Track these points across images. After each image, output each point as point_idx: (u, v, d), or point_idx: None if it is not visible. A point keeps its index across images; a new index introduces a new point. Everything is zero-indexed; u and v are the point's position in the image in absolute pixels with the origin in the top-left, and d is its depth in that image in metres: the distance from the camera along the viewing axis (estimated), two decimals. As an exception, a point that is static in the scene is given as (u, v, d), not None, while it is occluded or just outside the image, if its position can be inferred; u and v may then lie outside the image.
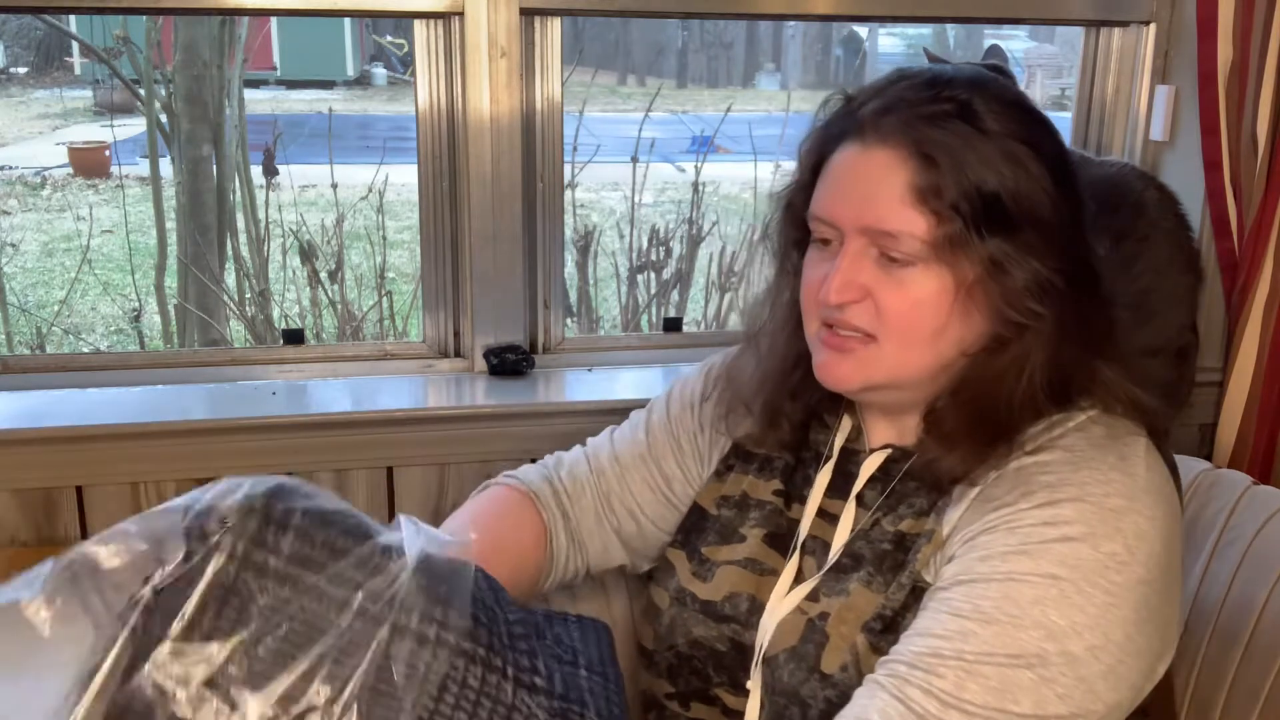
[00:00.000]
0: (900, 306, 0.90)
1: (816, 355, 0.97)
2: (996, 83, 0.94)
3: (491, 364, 1.60)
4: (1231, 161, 1.59)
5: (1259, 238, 1.57)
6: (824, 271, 0.94)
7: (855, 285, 0.91)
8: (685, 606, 1.04)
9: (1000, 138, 0.89)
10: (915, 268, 0.90)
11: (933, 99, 0.90)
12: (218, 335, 3.22)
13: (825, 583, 0.97)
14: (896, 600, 0.93)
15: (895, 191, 0.89)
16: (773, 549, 1.04)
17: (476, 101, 1.53)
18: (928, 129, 0.88)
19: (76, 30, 4.38)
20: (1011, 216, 0.88)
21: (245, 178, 3.28)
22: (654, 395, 1.61)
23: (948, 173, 0.87)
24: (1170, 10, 1.70)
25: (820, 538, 1.01)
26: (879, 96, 0.92)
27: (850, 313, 0.92)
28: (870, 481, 1.01)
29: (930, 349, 0.92)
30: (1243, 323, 1.61)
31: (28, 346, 3.67)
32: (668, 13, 1.67)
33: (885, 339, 0.92)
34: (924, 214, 0.88)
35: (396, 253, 4.70)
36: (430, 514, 1.55)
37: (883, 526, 0.98)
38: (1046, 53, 9.25)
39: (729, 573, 1.04)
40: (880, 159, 0.90)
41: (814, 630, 0.95)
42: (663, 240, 3.05)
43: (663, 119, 7.07)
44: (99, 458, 1.44)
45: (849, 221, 0.91)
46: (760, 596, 1.01)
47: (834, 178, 0.94)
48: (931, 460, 0.95)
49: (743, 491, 1.09)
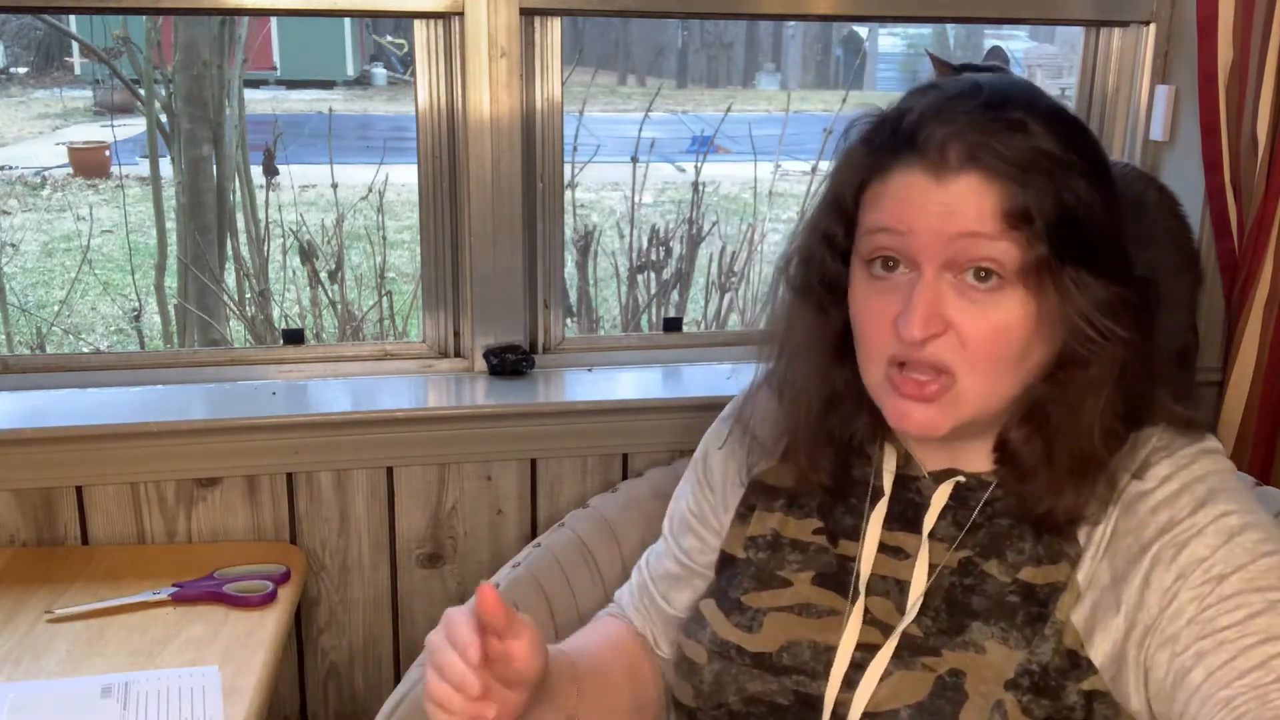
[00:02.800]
0: (985, 335, 0.86)
1: (891, 402, 0.90)
2: (1039, 92, 0.92)
3: (491, 364, 1.61)
4: (1231, 162, 1.59)
5: (1259, 238, 1.57)
6: (890, 304, 0.87)
7: (939, 317, 0.86)
8: (732, 660, 0.97)
9: (1068, 155, 0.86)
10: (1000, 293, 0.85)
11: (997, 119, 0.86)
12: (218, 335, 3.22)
13: (937, 635, 0.91)
14: (1043, 656, 0.88)
15: (986, 217, 0.84)
16: (826, 589, 0.97)
17: (476, 101, 1.53)
18: (1006, 151, 0.84)
19: (76, 30, 4.38)
20: (1086, 237, 0.86)
21: (245, 178, 3.28)
22: (653, 395, 1.62)
23: (1035, 195, 0.84)
24: (1170, 10, 1.70)
25: (890, 576, 0.95)
26: (936, 118, 0.87)
27: (931, 347, 0.86)
28: (941, 512, 0.96)
29: (1014, 376, 0.88)
30: (1243, 323, 1.61)
31: (28, 346, 3.67)
32: (668, 13, 1.66)
33: (967, 372, 0.87)
34: (1015, 239, 0.84)
35: (396, 253, 4.70)
36: (430, 514, 1.55)
37: (992, 575, 0.92)
38: (1046, 53, 9.25)
39: (780, 620, 0.97)
40: (963, 185, 0.85)
41: (946, 688, 0.89)
42: (663, 240, 3.05)
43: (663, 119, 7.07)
44: (99, 458, 1.44)
45: (930, 250, 0.85)
46: (823, 640, 0.95)
47: (903, 202, 0.87)
48: (1022, 494, 0.92)
49: (773, 530, 1.02)
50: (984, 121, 0.86)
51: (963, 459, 0.96)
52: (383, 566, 1.56)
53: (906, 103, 0.91)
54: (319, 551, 1.53)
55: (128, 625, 1.28)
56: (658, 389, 1.63)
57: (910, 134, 0.87)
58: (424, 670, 0.87)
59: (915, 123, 0.87)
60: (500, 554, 1.55)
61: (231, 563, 1.40)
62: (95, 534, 1.47)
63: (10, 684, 1.16)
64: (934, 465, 0.98)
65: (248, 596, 1.33)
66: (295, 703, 1.59)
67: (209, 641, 1.25)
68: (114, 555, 1.44)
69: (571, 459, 1.57)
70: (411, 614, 1.58)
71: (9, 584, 1.36)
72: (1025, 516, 0.92)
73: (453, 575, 1.58)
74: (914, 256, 0.87)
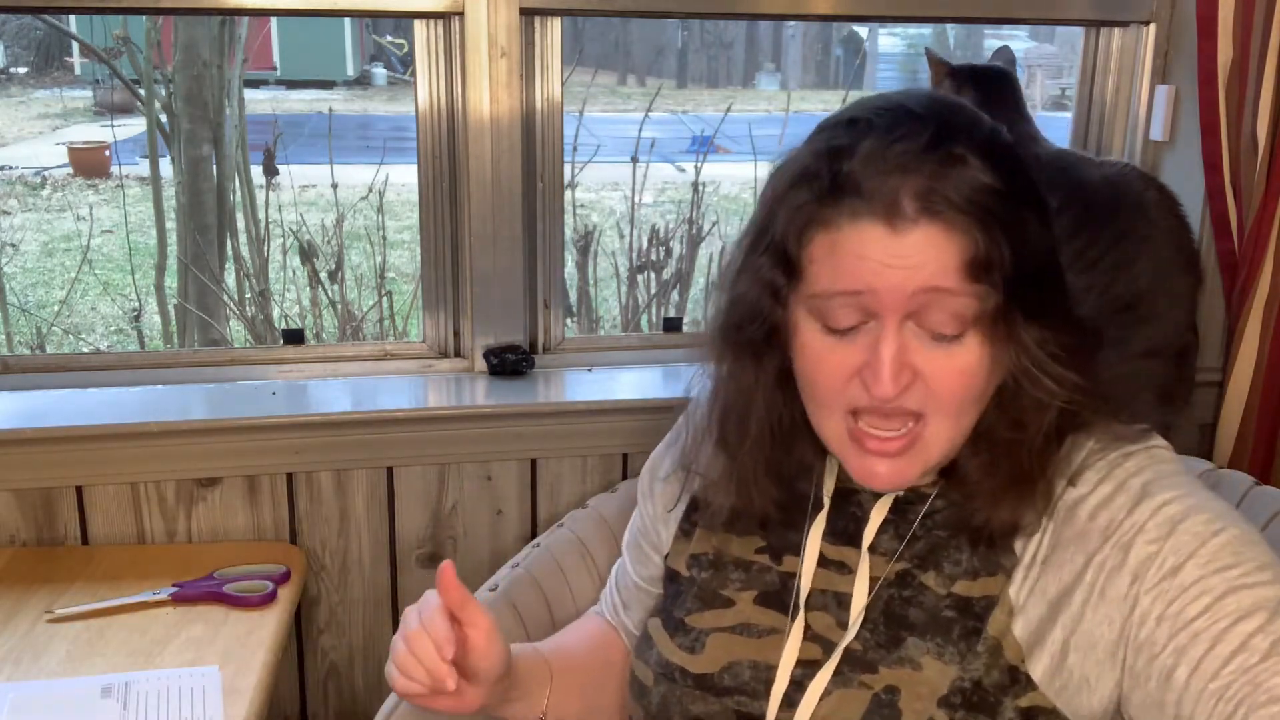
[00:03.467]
0: (953, 381, 0.84)
1: (855, 461, 0.88)
2: (977, 120, 0.87)
3: (491, 364, 1.61)
4: (1231, 162, 1.58)
5: (1259, 238, 1.57)
6: (849, 357, 0.85)
7: (907, 368, 0.83)
8: (676, 683, 0.97)
9: (1013, 190, 0.83)
10: (963, 339, 0.83)
11: (943, 160, 0.81)
12: (218, 335, 3.22)
13: (875, 649, 0.91)
14: (975, 671, 0.87)
15: (949, 271, 0.81)
16: (768, 608, 0.97)
17: (476, 101, 1.53)
18: (956, 196, 0.80)
19: (76, 30, 4.38)
20: (1038, 281, 0.85)
21: (245, 178, 3.28)
22: (653, 395, 1.62)
23: (994, 244, 0.81)
24: (1170, 10, 1.70)
25: (830, 590, 0.95)
26: (881, 162, 0.81)
27: (901, 399, 0.84)
28: (882, 525, 0.95)
29: (976, 411, 0.88)
30: (1243, 323, 1.61)
31: (28, 346, 3.68)
32: (668, 13, 1.66)
33: (935, 415, 0.85)
34: (973, 291, 0.81)
35: (396, 253, 4.70)
36: (430, 514, 1.55)
37: (929, 587, 0.91)
38: (1046, 53, 9.26)
39: (721, 641, 0.96)
40: (920, 236, 0.80)
41: (881, 705, 0.88)
42: (663, 240, 3.05)
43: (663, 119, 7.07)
44: (99, 458, 1.44)
45: (893, 306, 0.82)
46: (763, 659, 0.94)
47: (860, 260, 0.82)
48: (964, 508, 0.91)
49: (716, 549, 1.01)
50: (931, 164, 0.81)
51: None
52: (383, 566, 1.56)
53: (839, 139, 0.84)
54: (319, 551, 1.53)
55: (128, 625, 1.28)
56: (658, 389, 1.63)
57: (856, 182, 0.81)
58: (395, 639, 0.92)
59: (860, 171, 0.81)
60: (500, 554, 1.55)
61: (231, 563, 1.40)
62: (95, 534, 1.47)
63: (10, 684, 1.16)
64: None
65: (248, 596, 1.33)
66: (295, 703, 1.59)
67: (209, 641, 1.25)
68: (114, 555, 1.44)
69: (571, 459, 1.57)
70: (411, 614, 1.59)
71: (9, 584, 1.36)
72: (963, 528, 0.91)
73: (453, 575, 1.58)
74: (875, 311, 0.83)
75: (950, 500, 0.93)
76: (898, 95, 0.88)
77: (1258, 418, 1.62)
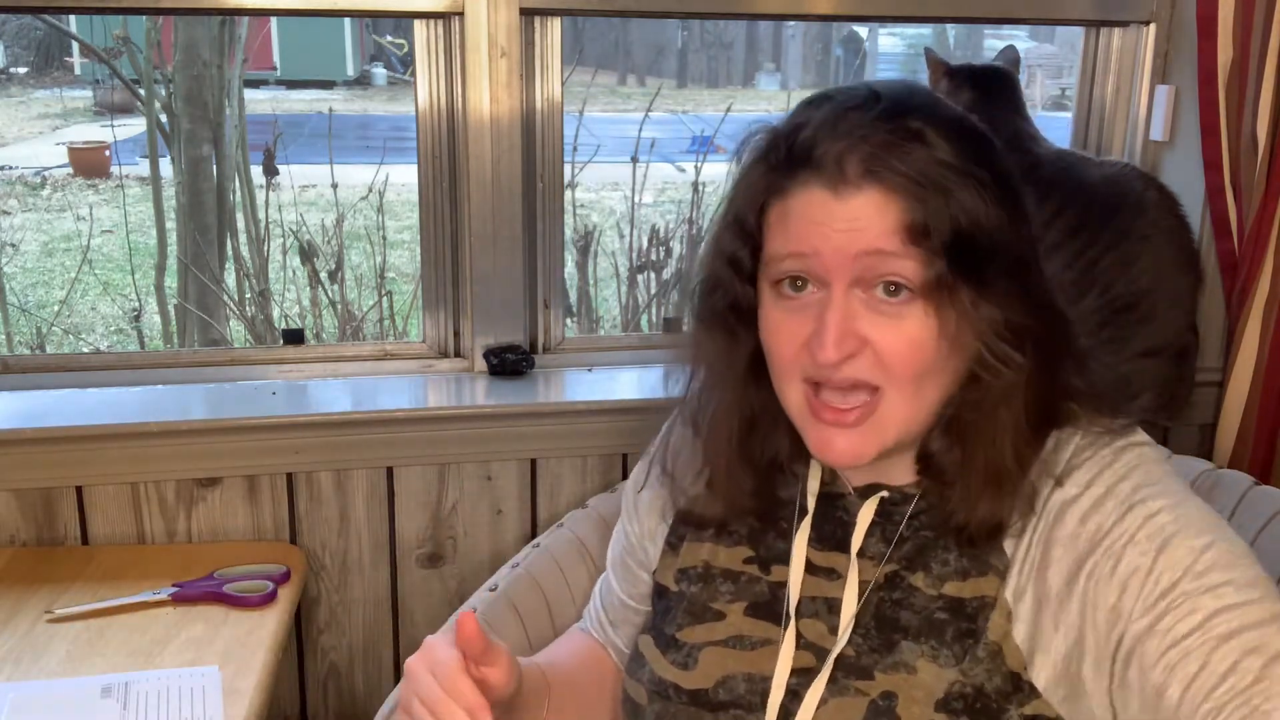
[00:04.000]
0: (902, 349, 0.84)
1: (813, 432, 0.88)
2: (939, 102, 0.89)
3: (491, 364, 1.60)
4: (1231, 162, 1.58)
5: (1259, 238, 1.57)
6: (801, 325, 0.86)
7: (853, 335, 0.84)
8: (670, 700, 0.96)
9: (967, 167, 0.84)
10: (911, 305, 0.84)
11: (895, 130, 0.83)
12: (218, 335, 3.22)
13: (869, 654, 0.90)
14: (977, 676, 0.86)
15: (889, 233, 0.82)
16: (759, 619, 0.96)
17: (476, 101, 1.53)
18: (905, 165, 0.82)
19: (76, 30, 4.38)
20: (983, 255, 0.84)
21: (245, 178, 3.28)
22: (653, 395, 1.61)
23: (935, 211, 0.82)
24: (1170, 10, 1.70)
25: (820, 597, 0.94)
26: (832, 132, 0.84)
27: (849, 367, 0.84)
28: (869, 529, 0.94)
29: (934, 390, 0.87)
30: (1243, 323, 1.61)
31: (28, 346, 3.68)
32: (668, 13, 1.66)
33: (890, 387, 0.85)
34: (914, 254, 0.82)
35: (396, 253, 4.70)
36: (430, 514, 1.55)
37: (919, 588, 0.91)
38: (1046, 53, 9.26)
39: (714, 655, 0.95)
40: (863, 200, 0.83)
41: (879, 712, 0.87)
42: (663, 240, 3.05)
43: (663, 119, 7.06)
44: (99, 458, 1.44)
45: (837, 269, 0.84)
46: (757, 670, 0.93)
47: (805, 220, 0.84)
48: (944, 506, 0.90)
49: (704, 562, 1.00)
50: (881, 133, 0.83)
51: (886, 473, 0.94)
52: (383, 566, 1.56)
53: (800, 116, 0.87)
54: (319, 551, 1.53)
55: (128, 625, 1.28)
56: (658, 389, 1.61)
57: (807, 150, 0.85)
58: (402, 692, 0.88)
59: (811, 138, 0.84)
60: (500, 554, 1.55)
61: (231, 563, 1.40)
62: (95, 534, 1.47)
63: (10, 684, 1.16)
64: (859, 481, 0.96)
65: (248, 596, 1.33)
66: (295, 703, 1.59)
67: (209, 641, 1.25)
68: (114, 555, 1.44)
69: (571, 459, 1.57)
70: (411, 614, 1.58)
71: (9, 584, 1.36)
72: (948, 528, 0.91)
73: (453, 575, 1.58)
74: (822, 276, 0.85)
75: (933, 500, 0.92)
76: (869, 81, 0.91)
77: (1258, 418, 1.62)
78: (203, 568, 1.39)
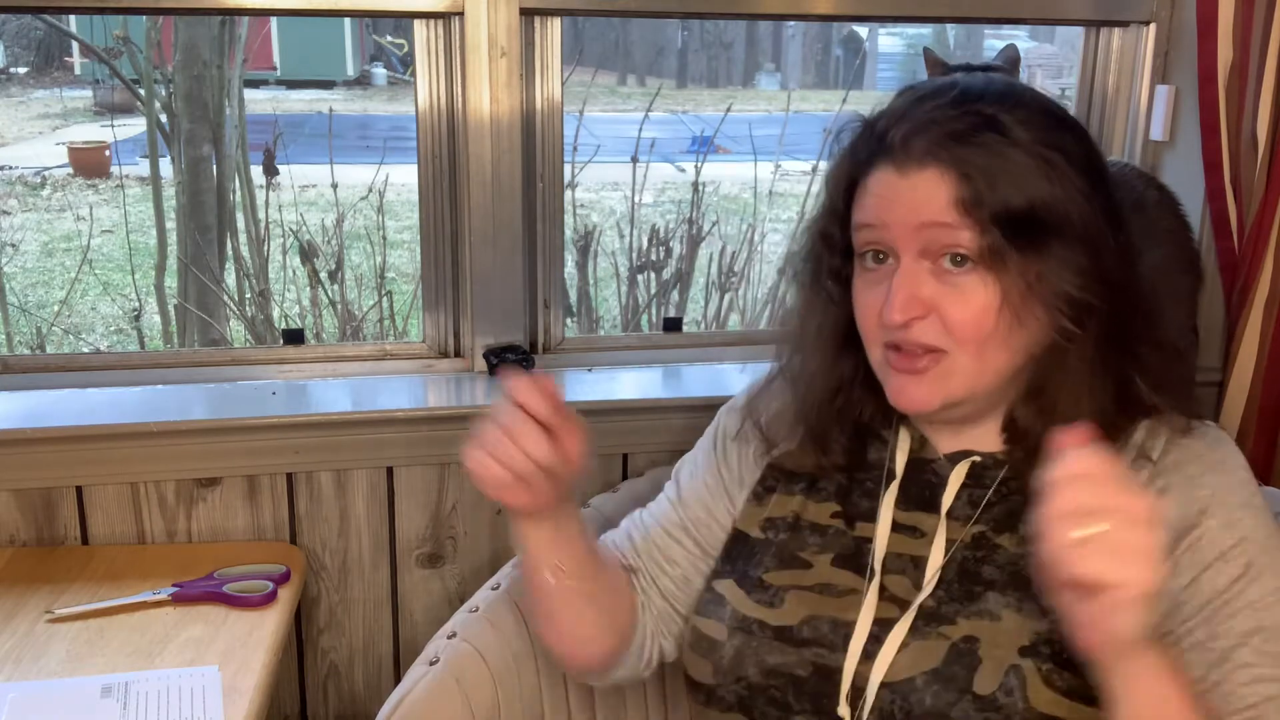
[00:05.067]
0: (965, 315, 0.91)
1: (888, 381, 0.97)
2: (1026, 91, 0.96)
3: (491, 364, 1.60)
4: (1231, 161, 1.58)
5: (1259, 238, 1.57)
6: (880, 294, 0.94)
7: (917, 300, 0.92)
8: (753, 635, 1.01)
9: (1031, 147, 0.91)
10: (972, 276, 0.91)
11: (960, 115, 0.92)
12: (218, 335, 3.22)
13: (949, 603, 0.96)
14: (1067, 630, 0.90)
15: (945, 207, 0.90)
16: (844, 569, 1.02)
17: (476, 101, 1.53)
18: (958, 147, 0.90)
19: (76, 30, 4.39)
20: (1043, 230, 0.90)
21: (245, 178, 3.28)
22: (653, 395, 1.62)
23: (983, 186, 0.90)
24: (1170, 10, 1.70)
25: (906, 554, 1.00)
26: (905, 119, 0.94)
27: (916, 330, 0.92)
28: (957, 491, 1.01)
29: (1003, 354, 0.93)
30: (1243, 323, 1.61)
31: (28, 346, 3.68)
32: (668, 13, 1.66)
33: (956, 350, 0.93)
34: (968, 225, 0.90)
35: (396, 253, 4.70)
36: (430, 514, 1.55)
37: (1005, 547, 0.96)
38: (1046, 53, 9.25)
39: (801, 598, 1.01)
40: (923, 178, 0.91)
41: (961, 654, 0.93)
42: (663, 240, 3.05)
43: (663, 119, 7.07)
44: (99, 458, 1.44)
45: (904, 240, 0.93)
46: (842, 616, 0.99)
47: (876, 197, 0.95)
48: (1030, 471, 0.94)
49: (794, 513, 1.06)
50: (946, 117, 0.92)
51: (975, 440, 1.01)
52: (383, 566, 1.56)
53: (885, 106, 0.98)
54: (319, 551, 1.53)
55: (128, 625, 1.28)
56: (658, 389, 1.63)
57: (883, 135, 0.95)
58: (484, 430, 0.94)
59: (886, 125, 0.95)
60: (500, 554, 1.55)
61: (231, 563, 1.40)
62: (95, 534, 1.47)
63: (10, 684, 1.16)
64: (948, 448, 1.02)
65: (248, 596, 1.33)
66: (295, 703, 1.59)
67: (209, 641, 1.25)
68: (114, 555, 1.44)
69: (571, 459, 1.56)
70: (411, 614, 1.59)
71: (9, 584, 1.36)
72: (1033, 492, 0.95)
73: (453, 575, 1.58)
74: (892, 246, 0.94)
75: (1020, 466, 0.97)
76: (957, 73, 1.00)
77: (1258, 418, 1.62)
78: (203, 568, 1.39)
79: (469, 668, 1.19)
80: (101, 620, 1.28)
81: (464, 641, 1.21)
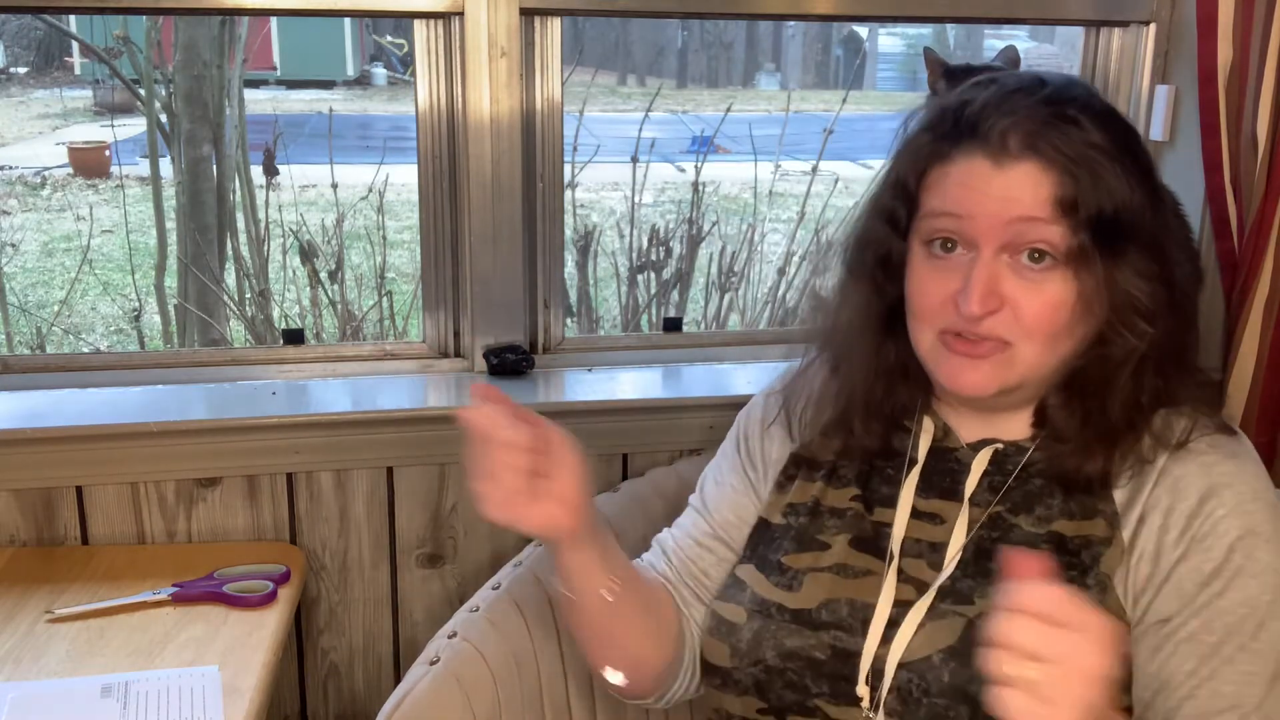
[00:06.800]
0: (1040, 311, 0.92)
1: (942, 364, 0.97)
2: (1095, 94, 0.97)
3: (491, 364, 1.61)
4: (1231, 162, 1.58)
5: (1259, 238, 1.57)
6: (947, 281, 0.94)
7: (996, 294, 0.92)
8: (771, 618, 1.02)
9: (1116, 154, 0.92)
10: (1052, 272, 0.92)
11: (1056, 113, 0.92)
12: (218, 335, 3.22)
13: (966, 583, 0.97)
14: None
15: (1041, 203, 0.91)
16: (862, 552, 1.03)
17: (476, 101, 1.53)
18: (1063, 144, 0.91)
19: (76, 30, 4.39)
20: (1124, 231, 0.92)
21: (245, 178, 3.28)
22: (653, 395, 1.61)
23: (1085, 187, 0.90)
24: (1170, 10, 1.70)
25: (923, 539, 1.01)
26: (999, 109, 0.93)
27: (989, 322, 0.93)
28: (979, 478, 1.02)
29: (1064, 346, 0.95)
30: (1243, 323, 1.61)
31: (28, 346, 3.68)
32: (668, 13, 1.66)
33: (1022, 342, 0.93)
34: (1062, 224, 0.91)
35: (396, 253, 4.70)
36: (430, 514, 1.55)
37: (1022, 527, 0.98)
38: (1046, 53, 9.24)
39: (819, 580, 1.02)
40: (1021, 172, 0.91)
41: (977, 630, 0.93)
42: (663, 240, 3.05)
43: (663, 119, 7.07)
44: (99, 458, 1.44)
45: (989, 233, 0.92)
46: (860, 598, 1.00)
47: (963, 186, 0.93)
48: (1058, 457, 0.98)
49: (814, 499, 1.07)
50: (1043, 114, 0.92)
51: (1001, 428, 1.02)
52: (383, 566, 1.56)
53: (968, 94, 0.96)
54: (319, 551, 1.53)
55: (128, 625, 1.28)
56: (658, 389, 1.63)
57: (973, 123, 0.93)
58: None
59: (978, 113, 0.93)
60: (500, 554, 1.55)
61: (231, 563, 1.40)
62: (95, 534, 1.47)
63: (10, 684, 1.16)
64: (971, 437, 1.03)
65: (248, 596, 1.33)
66: (295, 703, 1.59)
67: (209, 641, 1.25)
68: (114, 555, 1.44)
69: (571, 459, 1.56)
70: (411, 614, 1.59)
71: (9, 584, 1.36)
72: (1057, 476, 0.98)
73: (453, 575, 1.58)
74: (973, 238, 0.93)
75: (1045, 452, 0.99)
76: (1035, 70, 1.00)
77: (1258, 418, 1.62)
78: (203, 568, 1.39)
79: (469, 667, 1.19)
80: (101, 620, 1.28)
81: (464, 641, 1.21)
